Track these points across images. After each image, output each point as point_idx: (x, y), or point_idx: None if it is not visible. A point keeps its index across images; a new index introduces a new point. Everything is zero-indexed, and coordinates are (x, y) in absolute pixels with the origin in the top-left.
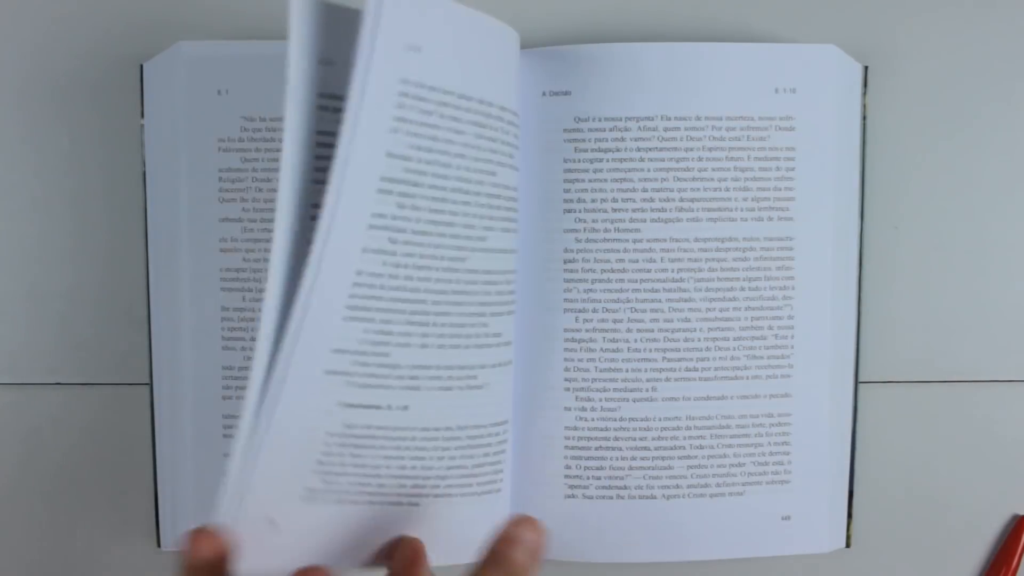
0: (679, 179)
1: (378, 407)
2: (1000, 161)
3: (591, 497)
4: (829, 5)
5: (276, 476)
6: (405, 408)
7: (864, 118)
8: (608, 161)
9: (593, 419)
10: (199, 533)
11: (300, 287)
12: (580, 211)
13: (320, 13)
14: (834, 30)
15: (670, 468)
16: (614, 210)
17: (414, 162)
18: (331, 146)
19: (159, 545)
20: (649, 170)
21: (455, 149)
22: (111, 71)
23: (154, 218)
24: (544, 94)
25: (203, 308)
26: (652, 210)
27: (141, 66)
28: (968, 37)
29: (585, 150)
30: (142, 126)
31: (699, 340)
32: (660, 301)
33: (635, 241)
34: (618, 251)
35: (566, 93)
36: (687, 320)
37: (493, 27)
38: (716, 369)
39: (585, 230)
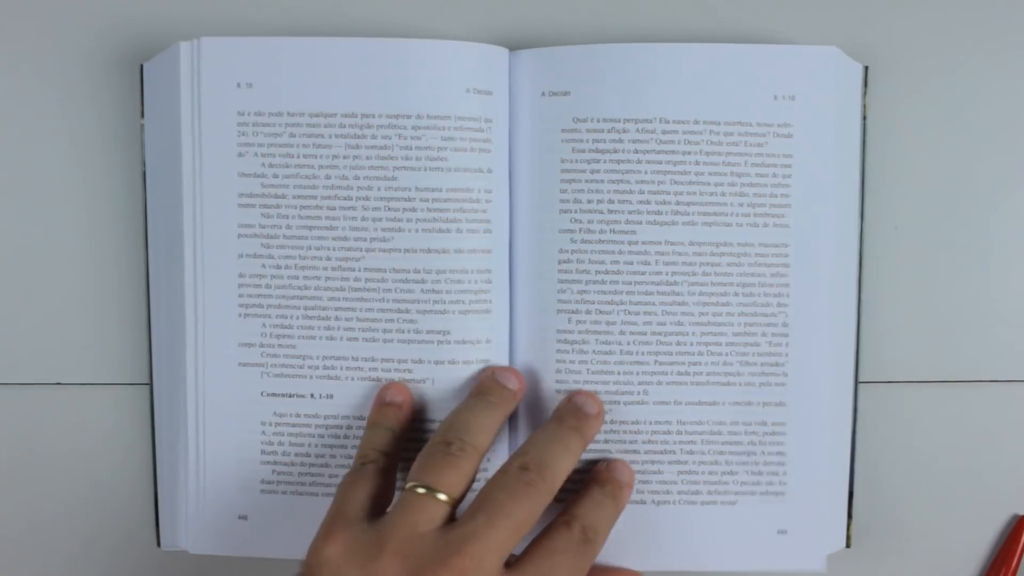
0: (676, 182)
1: (301, 395)
2: (1000, 161)
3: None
4: (829, 5)
5: (229, 470)
6: (331, 396)
7: (864, 118)
8: (605, 162)
9: None
10: (387, 386)
11: (186, 292)
12: (576, 211)
13: (232, 46)
14: (834, 30)
15: (660, 473)
16: (610, 211)
17: (270, 178)
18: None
19: (159, 545)
20: (646, 172)
21: (319, 162)
22: (111, 71)
23: (154, 218)
24: (544, 94)
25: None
26: (648, 212)
27: (141, 66)
28: (968, 37)
29: (583, 151)
30: (142, 126)
31: (692, 344)
32: (654, 304)
33: (630, 243)
34: (613, 253)
35: (566, 93)
36: (680, 324)
37: (353, 48)
38: (708, 374)
39: (580, 231)
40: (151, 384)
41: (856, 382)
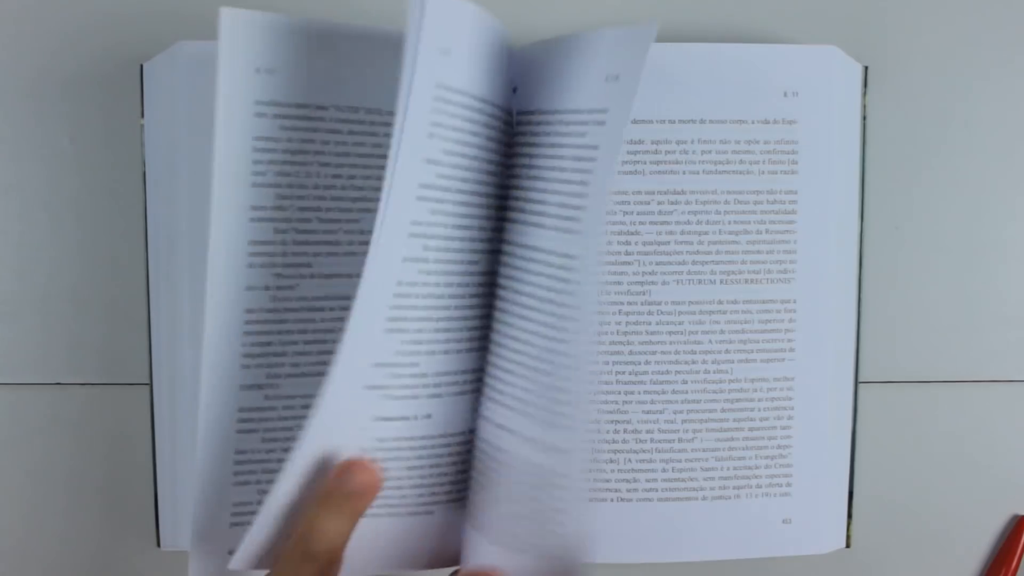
0: (674, 184)
1: (406, 418)
2: (1000, 161)
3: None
4: (829, 5)
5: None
6: (428, 416)
7: (864, 118)
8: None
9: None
10: (354, 464)
11: (354, 302)
12: None
13: (253, 24)
14: (834, 30)
15: (664, 471)
16: (607, 212)
17: (444, 167)
18: (270, 151)
19: (159, 545)
20: (646, 173)
21: (472, 152)
22: (111, 71)
23: (154, 218)
24: None
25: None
26: (646, 213)
27: (141, 66)
28: (968, 37)
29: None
30: (142, 126)
31: (699, 334)
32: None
33: (627, 246)
34: (611, 248)
35: None
36: (687, 320)
37: (499, 28)
38: (710, 373)
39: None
40: (151, 384)
41: (856, 382)
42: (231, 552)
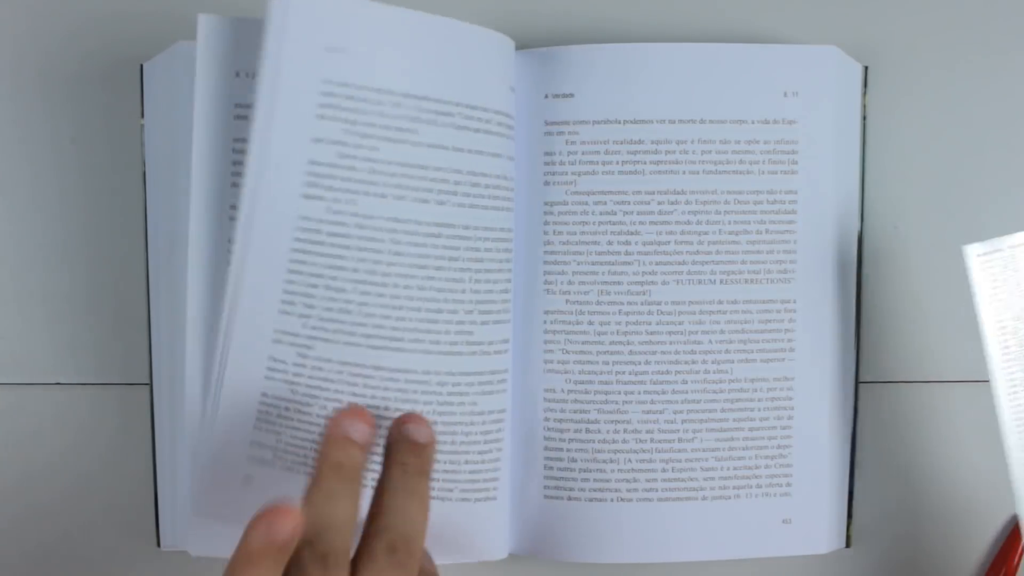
0: (674, 184)
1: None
2: (1000, 161)
3: (578, 499)
4: (829, 5)
5: (237, 429)
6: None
7: (864, 118)
8: (610, 163)
9: (576, 422)
10: (278, 511)
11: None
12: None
13: (232, 29)
14: (834, 30)
15: (666, 471)
16: (617, 202)
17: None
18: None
19: (159, 545)
20: (645, 172)
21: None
22: (111, 71)
23: (154, 218)
24: (547, 96)
25: None
26: (646, 213)
27: (141, 66)
28: (969, 37)
29: (583, 151)
30: (142, 126)
31: (696, 341)
32: (653, 304)
33: (627, 246)
34: (606, 234)
35: (569, 95)
36: (687, 320)
37: (441, 26)
38: (711, 372)
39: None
40: (151, 384)
41: (856, 382)
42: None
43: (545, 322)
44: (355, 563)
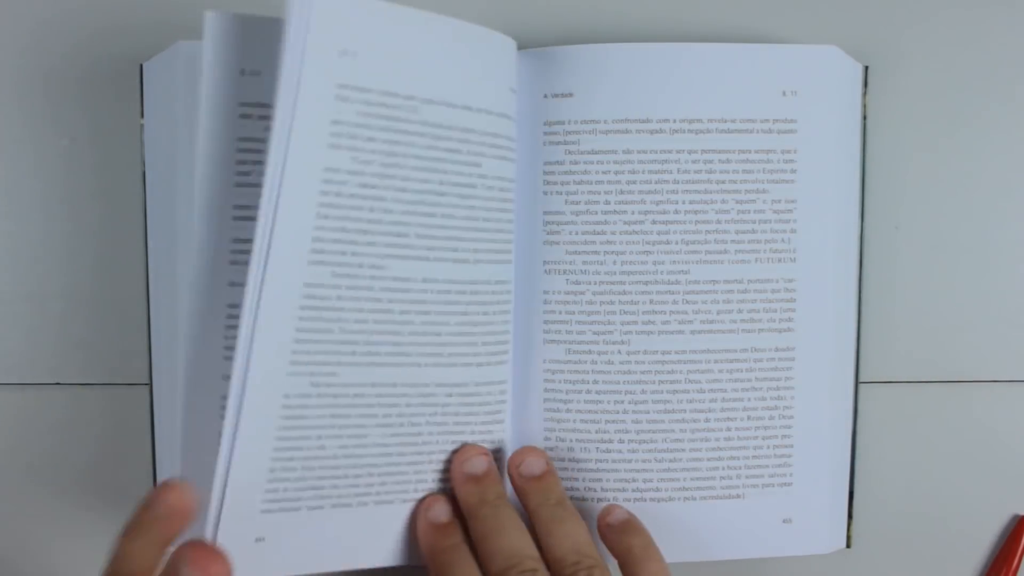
0: (674, 184)
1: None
2: (1000, 161)
3: (578, 500)
4: (829, 5)
5: (243, 492)
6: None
7: (864, 118)
8: (610, 162)
9: (576, 420)
10: (168, 485)
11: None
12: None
13: (238, 26)
14: (834, 30)
15: (667, 471)
16: (618, 202)
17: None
18: (256, 151)
19: None
20: (645, 172)
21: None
22: (111, 71)
23: (154, 218)
24: (546, 96)
25: None
26: (645, 212)
27: (141, 66)
28: (968, 37)
29: (584, 151)
30: (142, 126)
31: (699, 335)
32: (663, 304)
33: (626, 248)
34: (605, 233)
35: (568, 95)
36: (688, 323)
37: (451, 28)
38: (711, 372)
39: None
40: (151, 384)
41: (856, 382)
42: None
43: (544, 311)
44: None
